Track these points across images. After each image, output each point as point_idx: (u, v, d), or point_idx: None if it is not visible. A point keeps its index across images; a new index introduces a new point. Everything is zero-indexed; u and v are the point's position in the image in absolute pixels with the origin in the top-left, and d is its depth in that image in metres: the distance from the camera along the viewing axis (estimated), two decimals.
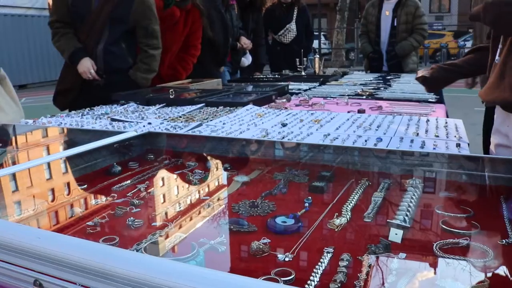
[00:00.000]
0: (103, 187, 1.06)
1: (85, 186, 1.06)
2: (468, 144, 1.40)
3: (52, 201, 1.00)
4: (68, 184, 1.13)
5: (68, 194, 1.04)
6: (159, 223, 0.84)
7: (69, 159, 1.22)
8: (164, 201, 1.00)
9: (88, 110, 2.21)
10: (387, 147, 1.36)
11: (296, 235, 0.77)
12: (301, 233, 0.77)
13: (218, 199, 0.97)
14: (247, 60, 4.23)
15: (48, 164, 1.18)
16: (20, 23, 16.39)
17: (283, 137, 1.49)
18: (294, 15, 5.00)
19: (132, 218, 0.84)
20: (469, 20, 1.47)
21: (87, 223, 0.83)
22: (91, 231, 0.80)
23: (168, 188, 1.10)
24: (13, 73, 15.40)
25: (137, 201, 0.93)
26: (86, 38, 2.73)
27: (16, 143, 1.69)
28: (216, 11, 3.59)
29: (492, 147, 1.60)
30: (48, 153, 1.39)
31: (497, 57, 1.44)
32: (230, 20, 3.88)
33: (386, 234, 0.77)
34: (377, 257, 0.68)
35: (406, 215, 0.82)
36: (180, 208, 0.93)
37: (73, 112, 2.16)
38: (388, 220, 0.81)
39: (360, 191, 0.97)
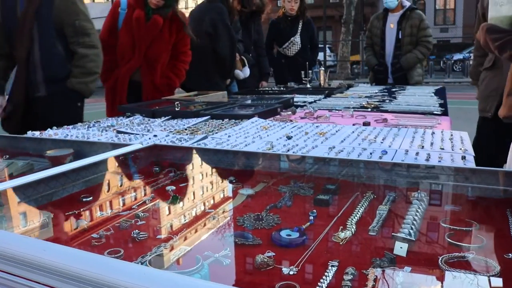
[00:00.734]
0: (109, 199, 1.06)
1: (91, 198, 1.06)
2: (474, 157, 1.40)
3: (58, 212, 1.01)
4: (74, 196, 1.14)
5: (73, 206, 1.05)
6: (163, 236, 0.84)
7: (74, 171, 1.23)
8: (169, 213, 1.00)
9: (94, 122, 2.22)
10: (392, 160, 1.36)
11: (300, 248, 0.76)
12: (305, 246, 0.77)
13: (223, 212, 0.97)
14: (242, 73, 4.22)
15: (54, 176, 1.19)
16: None
17: (288, 150, 1.49)
18: (299, 28, 5.02)
19: (137, 230, 0.84)
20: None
21: (92, 235, 0.84)
22: (96, 243, 0.80)
23: (174, 200, 1.10)
24: None
25: (142, 214, 0.93)
26: (20, 48, 2.61)
27: (23, 154, 1.70)
28: (223, 25, 3.60)
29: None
30: (53, 166, 1.40)
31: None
32: None
33: (391, 247, 0.76)
34: (382, 271, 0.68)
35: (411, 228, 0.82)
36: (185, 220, 0.93)
37: (79, 124, 2.18)
38: (393, 234, 0.81)
39: (365, 204, 0.97)
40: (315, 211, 0.92)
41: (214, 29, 3.59)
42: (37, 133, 1.94)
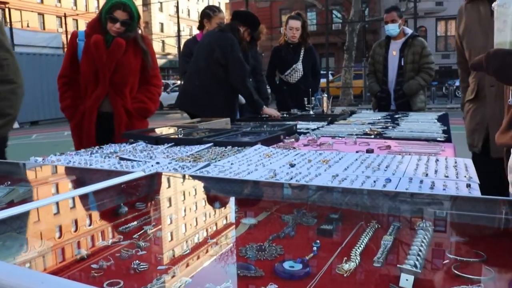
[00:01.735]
0: (109, 228, 1.05)
1: (91, 226, 1.05)
2: (479, 184, 1.39)
3: (58, 241, 1.00)
4: (74, 224, 1.13)
5: (73, 235, 1.04)
6: (164, 267, 0.82)
7: (75, 199, 1.22)
8: (170, 243, 0.99)
9: (98, 148, 2.22)
10: (396, 188, 1.35)
11: (304, 281, 0.75)
12: (309, 278, 0.76)
13: (225, 242, 0.96)
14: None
15: (54, 204, 1.18)
16: (34, 61, 16.86)
17: (291, 178, 1.48)
18: (301, 55, 5.06)
19: (137, 261, 0.83)
20: (471, 69, 1.45)
21: (92, 265, 0.82)
22: (96, 274, 0.79)
23: (175, 230, 1.09)
24: (26, 109, 15.69)
25: (143, 243, 0.92)
26: None
27: (24, 181, 1.70)
28: (233, 57, 3.62)
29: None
30: (55, 193, 1.39)
31: (510, 99, 1.43)
32: None
33: (396, 279, 0.75)
34: None
35: (417, 260, 0.80)
36: (186, 251, 0.91)
37: (82, 150, 2.18)
38: (398, 265, 0.79)
39: (370, 234, 0.95)
40: (318, 241, 0.91)
41: (225, 60, 3.63)
42: (39, 159, 1.94)
